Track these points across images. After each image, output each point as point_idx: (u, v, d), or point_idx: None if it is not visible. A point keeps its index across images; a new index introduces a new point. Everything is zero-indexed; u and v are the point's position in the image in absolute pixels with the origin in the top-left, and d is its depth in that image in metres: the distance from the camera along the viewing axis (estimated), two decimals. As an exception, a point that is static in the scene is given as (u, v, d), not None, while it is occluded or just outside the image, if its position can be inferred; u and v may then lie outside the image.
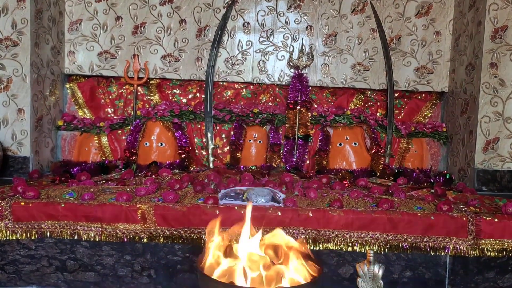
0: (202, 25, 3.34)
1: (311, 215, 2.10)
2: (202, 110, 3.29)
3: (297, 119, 3.24)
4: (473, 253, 2.11)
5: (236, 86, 3.46)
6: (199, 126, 3.30)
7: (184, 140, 3.15)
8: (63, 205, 2.07)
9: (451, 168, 3.28)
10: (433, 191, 2.55)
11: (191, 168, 3.12)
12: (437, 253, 2.13)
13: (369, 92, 3.49)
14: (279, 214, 2.08)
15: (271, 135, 3.25)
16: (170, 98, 3.40)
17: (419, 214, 2.13)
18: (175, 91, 3.42)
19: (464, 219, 2.11)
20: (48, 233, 2.09)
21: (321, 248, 2.10)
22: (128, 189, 2.34)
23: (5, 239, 2.08)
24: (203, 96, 3.33)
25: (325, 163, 3.18)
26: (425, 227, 2.10)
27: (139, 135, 3.15)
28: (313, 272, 1.38)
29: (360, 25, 3.38)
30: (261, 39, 3.38)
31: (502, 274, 2.15)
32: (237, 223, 1.50)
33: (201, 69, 3.35)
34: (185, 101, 3.40)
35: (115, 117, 3.33)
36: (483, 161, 2.94)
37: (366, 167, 3.17)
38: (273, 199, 2.21)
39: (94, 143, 3.21)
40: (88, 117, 3.30)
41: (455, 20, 3.34)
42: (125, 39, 3.31)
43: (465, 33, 3.16)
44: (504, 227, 2.10)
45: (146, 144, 3.16)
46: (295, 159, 3.21)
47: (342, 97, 3.45)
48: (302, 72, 3.31)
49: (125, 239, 2.09)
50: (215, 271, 1.38)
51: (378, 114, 3.44)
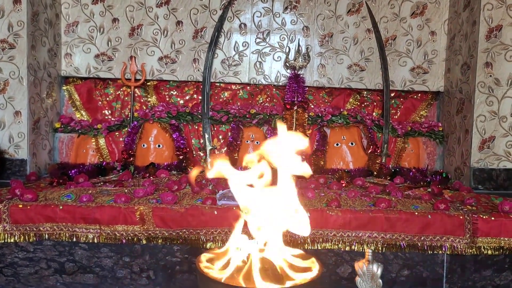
0: (198, 26, 3.34)
1: (308, 215, 2.10)
2: (199, 111, 3.30)
3: (294, 120, 3.25)
4: (470, 251, 2.13)
5: (233, 87, 3.47)
6: (197, 127, 3.31)
7: (181, 141, 3.16)
8: (61, 207, 2.08)
9: (447, 167, 3.30)
10: (429, 190, 2.56)
11: (189, 169, 3.12)
12: (435, 252, 2.14)
13: (365, 92, 3.51)
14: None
15: (268, 136, 3.26)
16: (167, 99, 3.40)
17: (416, 213, 2.14)
18: (172, 92, 3.42)
19: (461, 217, 2.12)
20: (46, 236, 2.09)
21: (319, 247, 2.12)
22: (126, 190, 2.34)
23: (3, 241, 2.08)
24: (200, 97, 3.34)
25: (322, 163, 3.20)
26: (422, 226, 2.11)
27: (137, 137, 3.15)
28: None
29: (355, 25, 3.40)
30: (258, 40, 3.39)
31: (499, 272, 2.17)
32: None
33: (198, 71, 3.36)
34: (182, 102, 3.40)
35: (113, 119, 3.33)
36: (479, 160, 2.96)
37: (363, 167, 3.19)
38: (271, 199, 2.22)
39: (91, 145, 3.21)
40: (85, 119, 3.30)
41: (450, 20, 3.36)
42: (122, 41, 3.31)
43: (460, 33, 3.18)
44: (500, 225, 2.11)
45: (143, 145, 3.16)
46: (292, 160, 3.21)
47: (338, 97, 3.47)
48: (298, 72, 3.31)
49: (124, 241, 2.10)
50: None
51: (374, 114, 3.45)
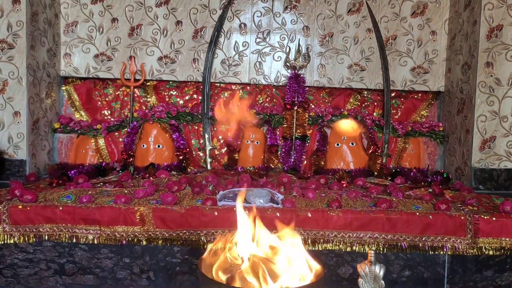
0: (198, 26, 3.33)
1: (309, 215, 2.10)
2: (199, 111, 3.29)
3: (295, 120, 3.24)
4: (472, 251, 2.12)
5: (233, 87, 3.46)
6: (196, 127, 3.30)
7: (181, 141, 3.15)
8: (61, 208, 2.07)
9: (448, 167, 3.30)
10: (430, 190, 2.55)
11: (189, 169, 3.11)
12: (436, 252, 2.13)
13: (366, 92, 3.50)
14: (278, 215, 2.08)
15: (268, 136, 3.25)
16: (167, 99, 3.39)
17: (417, 213, 2.14)
18: (172, 92, 3.41)
19: (462, 218, 2.12)
20: (46, 237, 2.08)
21: (320, 248, 2.11)
22: (126, 191, 2.33)
23: (2, 243, 2.07)
24: (200, 97, 3.33)
25: (323, 163, 3.19)
26: (424, 227, 2.11)
27: (136, 137, 3.14)
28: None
29: (356, 25, 3.39)
30: (258, 40, 3.38)
31: (500, 272, 2.16)
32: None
33: (198, 71, 3.35)
34: (182, 102, 3.39)
35: (112, 119, 3.32)
36: (480, 160, 2.95)
37: (363, 167, 3.18)
38: (272, 200, 2.22)
39: (91, 146, 3.20)
40: (84, 120, 3.29)
41: (451, 19, 3.36)
42: (121, 41, 3.30)
43: (461, 32, 3.18)
44: (502, 226, 2.11)
45: (143, 146, 3.15)
46: (292, 160, 3.21)
47: (339, 97, 3.46)
48: (299, 72, 3.30)
49: (124, 242, 2.09)
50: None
51: (375, 114, 3.45)
